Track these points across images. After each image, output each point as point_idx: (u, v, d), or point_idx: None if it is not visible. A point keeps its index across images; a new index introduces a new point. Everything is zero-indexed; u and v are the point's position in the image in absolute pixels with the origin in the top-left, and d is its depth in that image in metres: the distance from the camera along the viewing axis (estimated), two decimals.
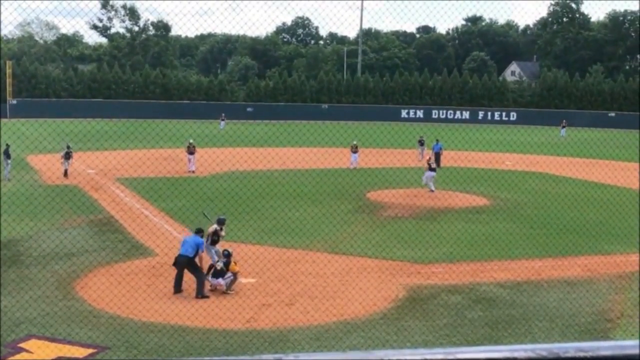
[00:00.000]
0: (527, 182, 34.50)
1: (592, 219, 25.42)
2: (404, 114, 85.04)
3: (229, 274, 16.47)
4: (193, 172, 36.37)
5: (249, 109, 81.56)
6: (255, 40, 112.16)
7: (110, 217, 25.08)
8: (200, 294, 15.98)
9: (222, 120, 69.78)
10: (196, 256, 16.21)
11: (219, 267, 16.48)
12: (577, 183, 34.91)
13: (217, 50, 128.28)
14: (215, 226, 17.79)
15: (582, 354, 0.93)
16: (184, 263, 16.15)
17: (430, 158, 33.88)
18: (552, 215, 26.43)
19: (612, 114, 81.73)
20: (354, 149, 39.91)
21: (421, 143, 45.00)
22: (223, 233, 17.87)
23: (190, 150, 37.04)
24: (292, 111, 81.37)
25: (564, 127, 68.48)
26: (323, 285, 17.17)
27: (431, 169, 31.70)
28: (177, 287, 16.29)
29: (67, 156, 34.01)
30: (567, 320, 15.22)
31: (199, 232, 16.82)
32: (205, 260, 16.74)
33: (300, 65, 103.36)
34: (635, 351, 0.97)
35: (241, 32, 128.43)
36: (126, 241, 21.47)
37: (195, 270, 16.23)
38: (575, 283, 17.97)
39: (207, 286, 16.37)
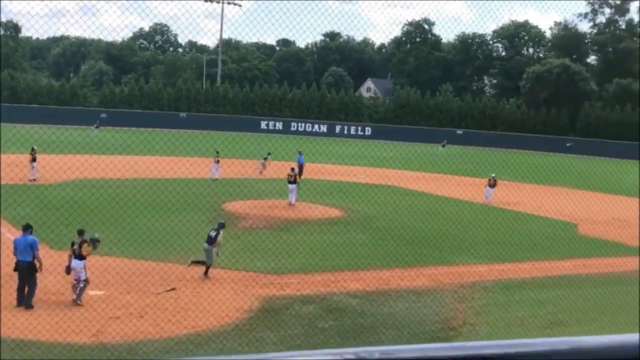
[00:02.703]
0: (380, 195, 35.54)
1: (438, 231, 26.57)
2: (263, 125, 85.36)
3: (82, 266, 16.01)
4: (34, 180, 34.52)
5: (102, 115, 78.76)
6: (110, 45, 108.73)
7: None
8: (27, 304, 15.26)
9: (96, 126, 67.40)
10: (34, 258, 15.47)
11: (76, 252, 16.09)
12: (426, 196, 36.43)
13: (70, 54, 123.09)
14: (216, 229, 19.32)
15: (385, 356, 0.92)
16: (24, 270, 15.32)
17: (290, 172, 33.88)
18: (401, 227, 27.35)
19: (460, 132, 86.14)
20: (217, 159, 39.57)
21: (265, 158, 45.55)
22: (220, 237, 19.16)
23: (33, 157, 35.28)
24: (148, 119, 79.44)
25: (443, 145, 72.07)
26: (175, 297, 16.80)
27: (291, 182, 31.86)
28: (21, 297, 15.41)
29: None
30: (413, 328, 15.75)
31: (28, 228, 15.97)
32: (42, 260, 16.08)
33: (157, 72, 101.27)
34: (440, 353, 0.97)
35: (96, 36, 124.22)
36: None
37: (31, 278, 15.46)
38: (422, 292, 18.66)
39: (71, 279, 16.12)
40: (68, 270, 16.19)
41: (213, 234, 19.27)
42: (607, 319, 17.16)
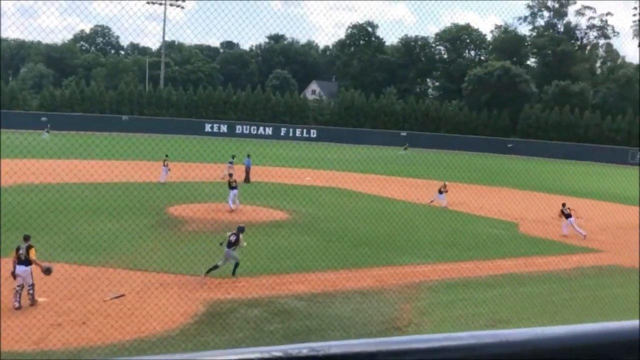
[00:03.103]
0: (326, 197, 35.65)
1: (383, 233, 26.80)
2: (207, 128, 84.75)
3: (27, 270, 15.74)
4: None
5: (43, 119, 76.99)
6: (50, 47, 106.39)
7: None
8: None
9: (47, 130, 65.90)
10: None
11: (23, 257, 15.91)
12: (371, 198, 36.69)
13: (8, 56, 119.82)
14: (235, 234, 19.89)
15: (314, 353, 0.92)
16: None
17: (226, 176, 33.65)
18: (347, 229, 27.49)
19: (404, 133, 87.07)
20: (166, 163, 39.16)
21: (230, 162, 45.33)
22: (241, 240, 19.79)
23: None
24: (89, 122, 78.01)
25: (405, 148, 73.16)
26: (118, 303, 16.53)
27: (232, 187, 31.56)
28: None
29: None
30: (360, 329, 15.83)
31: None
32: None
33: (99, 74, 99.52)
34: (367, 348, 0.98)
35: (34, 38, 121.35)
36: None
37: None
38: (368, 293, 18.79)
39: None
40: (14, 275, 15.93)
41: (233, 238, 19.83)
42: (549, 316, 17.56)
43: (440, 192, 36.22)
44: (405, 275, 21.07)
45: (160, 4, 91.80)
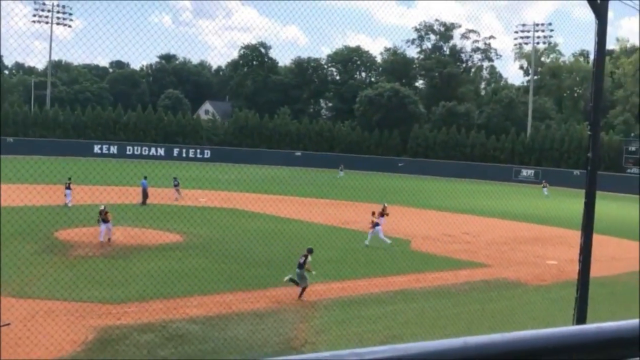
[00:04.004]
0: (220, 218, 35.27)
1: (279, 252, 26.79)
2: (96, 149, 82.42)
3: None
4: None
5: None
6: None
7: None
8: None
9: None
10: None
11: None
12: (266, 218, 36.65)
13: None
14: (304, 255, 21.14)
15: None
16: None
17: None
18: (242, 250, 27.27)
19: (299, 153, 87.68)
20: (67, 185, 37.95)
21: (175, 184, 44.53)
22: (308, 262, 20.96)
23: None
24: None
25: (341, 170, 75.06)
26: (4, 331, 15.71)
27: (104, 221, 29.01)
28: None
29: None
30: (256, 350, 15.74)
31: None
32: None
33: None
34: None
35: None
36: None
37: None
38: (264, 314, 18.71)
39: None
40: None
41: (302, 260, 20.92)
42: (439, 331, 18.04)
43: (382, 215, 33.54)
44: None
45: (47, 22, 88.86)
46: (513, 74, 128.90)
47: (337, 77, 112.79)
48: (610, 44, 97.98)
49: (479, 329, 18.14)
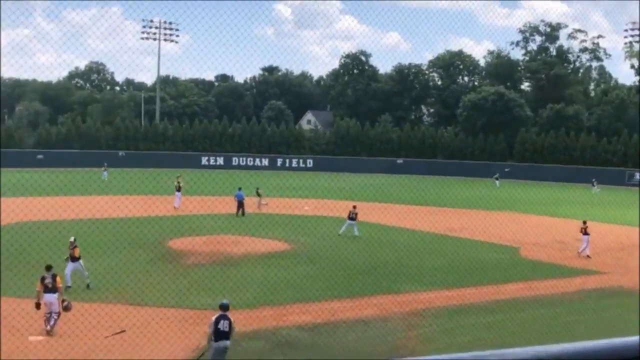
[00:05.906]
0: (325, 226, 35.46)
1: (385, 260, 26.66)
2: (204, 161, 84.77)
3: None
4: None
5: (39, 157, 77.05)
6: (45, 85, 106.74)
7: None
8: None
9: (104, 169, 65.91)
10: None
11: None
12: (372, 226, 36.54)
13: (4, 95, 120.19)
14: None
15: None
16: None
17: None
18: (348, 258, 27.32)
19: (400, 161, 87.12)
20: (178, 187, 41.12)
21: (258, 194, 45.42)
22: None
23: None
24: (86, 158, 77.98)
25: (497, 178, 72.66)
26: (121, 339, 16.36)
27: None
28: None
29: None
30: (363, 358, 15.68)
31: None
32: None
33: (95, 111, 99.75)
34: None
35: (30, 77, 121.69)
36: None
37: None
38: (371, 322, 18.64)
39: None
40: (38, 306, 16.96)
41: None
42: (552, 340, 17.41)
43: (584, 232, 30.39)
44: (408, 303, 20.92)
45: (155, 39, 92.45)
46: (624, 74, 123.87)
47: (439, 82, 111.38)
48: None
49: (595, 337, 17.37)
